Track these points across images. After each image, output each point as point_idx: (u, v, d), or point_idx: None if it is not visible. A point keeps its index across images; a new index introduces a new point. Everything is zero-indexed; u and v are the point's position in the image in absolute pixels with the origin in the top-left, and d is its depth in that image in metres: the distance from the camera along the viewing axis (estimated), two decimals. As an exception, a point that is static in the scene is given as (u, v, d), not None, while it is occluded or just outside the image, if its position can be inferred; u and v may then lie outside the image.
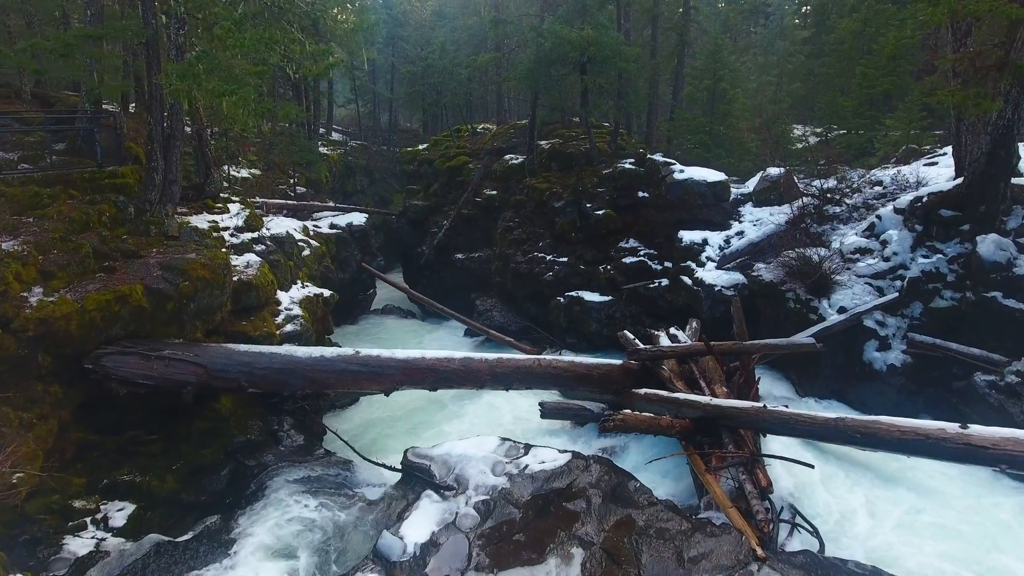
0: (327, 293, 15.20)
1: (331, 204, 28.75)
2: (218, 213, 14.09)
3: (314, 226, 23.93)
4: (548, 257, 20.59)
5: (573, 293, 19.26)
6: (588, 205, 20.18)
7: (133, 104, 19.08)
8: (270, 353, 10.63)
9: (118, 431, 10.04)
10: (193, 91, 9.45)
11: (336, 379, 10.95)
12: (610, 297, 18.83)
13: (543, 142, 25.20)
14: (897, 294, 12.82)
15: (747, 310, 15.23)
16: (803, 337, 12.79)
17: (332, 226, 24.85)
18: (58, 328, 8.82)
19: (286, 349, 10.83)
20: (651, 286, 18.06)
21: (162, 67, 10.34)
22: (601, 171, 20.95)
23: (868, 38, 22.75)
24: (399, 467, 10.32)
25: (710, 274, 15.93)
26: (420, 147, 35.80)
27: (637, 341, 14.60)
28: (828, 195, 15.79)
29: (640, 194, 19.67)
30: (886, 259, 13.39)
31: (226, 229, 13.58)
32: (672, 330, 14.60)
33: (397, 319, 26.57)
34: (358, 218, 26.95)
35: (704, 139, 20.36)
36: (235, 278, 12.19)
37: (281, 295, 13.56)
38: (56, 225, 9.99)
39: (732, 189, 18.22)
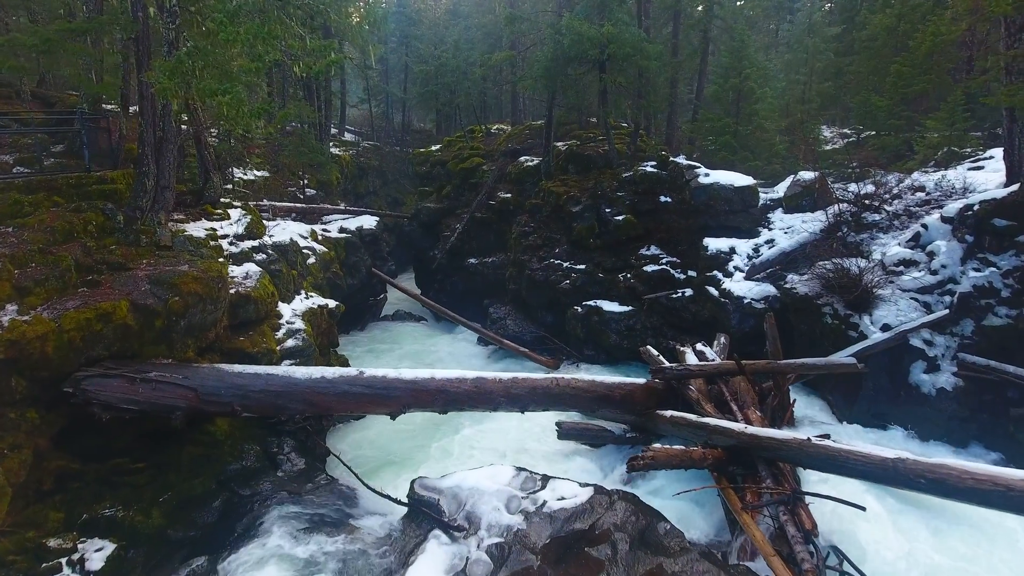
0: (332, 304, 14.40)
1: (342, 207, 28.03)
2: (217, 220, 13.32)
3: (323, 230, 23.22)
4: (565, 264, 19.70)
5: (591, 302, 18.35)
6: (607, 210, 19.26)
7: (137, 105, 18.47)
8: (266, 374, 9.82)
9: (103, 458, 9.29)
10: (183, 90, 8.69)
11: (338, 402, 10.13)
12: (630, 307, 17.91)
13: (559, 143, 24.33)
14: (946, 311, 11.78)
15: (778, 325, 14.26)
16: (843, 356, 11.79)
17: (342, 230, 24.14)
18: (32, 350, 8.06)
19: (284, 370, 10.02)
20: (674, 296, 17.10)
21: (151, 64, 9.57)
22: (621, 174, 20.02)
23: (902, 35, 21.62)
24: (405, 500, 9.48)
25: (738, 285, 14.96)
26: (433, 148, 35.06)
27: (661, 358, 13.68)
28: (866, 201, 14.74)
29: (662, 199, 18.72)
30: (933, 272, 12.35)
31: (225, 237, 12.81)
32: (699, 346, 13.66)
33: (408, 325, 25.85)
34: (369, 221, 26.23)
35: (729, 141, 19.36)
36: (232, 290, 11.42)
37: (283, 307, 12.78)
38: (36, 235, 9.24)
39: (760, 194, 17.21)
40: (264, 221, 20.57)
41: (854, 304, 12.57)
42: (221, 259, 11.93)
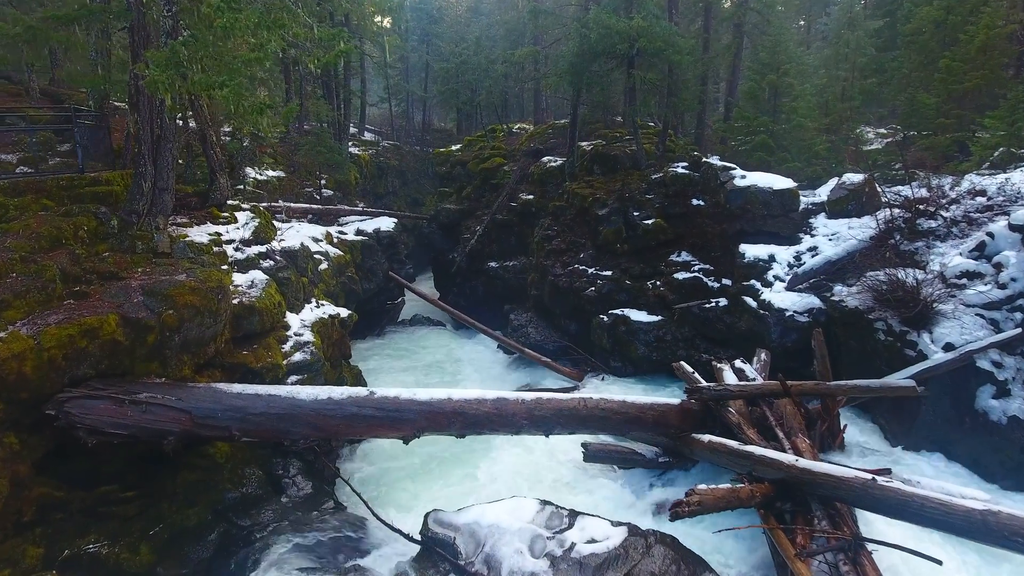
0: (344, 313, 13.58)
1: (359, 208, 27.29)
2: (223, 223, 12.56)
3: (339, 232, 22.50)
4: (590, 270, 18.71)
5: (618, 311, 17.35)
6: (635, 213, 18.24)
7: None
8: (268, 395, 9.00)
9: (90, 484, 8.54)
10: (177, 83, 7.90)
11: (346, 426, 9.26)
12: (660, 317, 16.88)
13: (584, 143, 23.35)
14: (1018, 329, 10.61)
15: (824, 339, 13.17)
16: (900, 378, 10.69)
17: (358, 232, 23.41)
18: (8, 370, 7.31)
19: (287, 390, 9.18)
20: (707, 306, 16.03)
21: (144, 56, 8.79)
22: (649, 175, 18.99)
23: (951, 28, 20.28)
24: (418, 537, 8.60)
25: (779, 296, 13.87)
26: (453, 148, 34.25)
27: (697, 376, 12.65)
28: (920, 206, 13.57)
29: (694, 202, 17.66)
30: (1002, 286, 11.17)
31: (230, 242, 12.04)
32: (738, 363, 12.61)
33: (426, 331, 25.08)
34: (386, 223, 25.48)
35: (765, 140, 18.21)
36: (235, 301, 10.64)
37: (291, 318, 11.98)
38: (19, 242, 8.51)
39: (801, 198, 16.08)
40: (278, 223, 19.91)
41: (911, 320, 11.44)
42: (225, 266, 11.17)
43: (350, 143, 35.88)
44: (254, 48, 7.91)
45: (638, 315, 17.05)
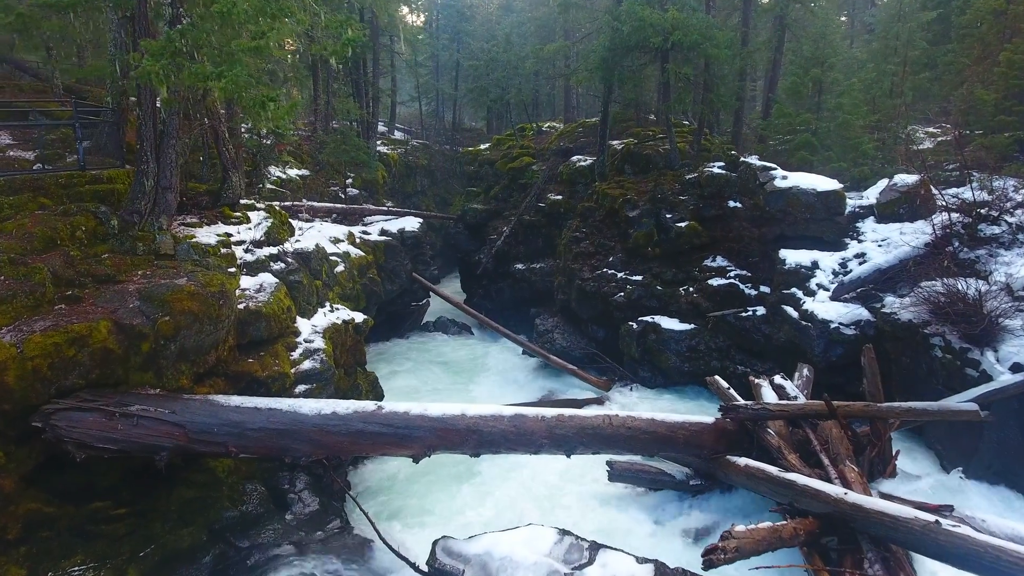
0: (360, 318, 13.01)
1: (385, 207, 26.82)
2: (235, 223, 12.08)
3: (362, 232, 22.04)
4: (619, 274, 17.86)
5: (648, 318, 16.48)
6: (668, 215, 17.33)
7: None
8: (268, 409, 8.42)
9: (84, 499, 8.06)
10: (173, 74, 7.37)
11: (351, 443, 8.65)
12: (692, 325, 15.97)
13: (615, 142, 22.47)
14: (1098, 349, 9.53)
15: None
16: (961, 401, 9.68)
17: (383, 232, 22.89)
18: (-11, 381, 6.85)
19: (289, 404, 8.60)
20: (743, 315, 15.09)
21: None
22: (683, 176, 18.07)
23: (1012, 18, 18.91)
24: (424, 568, 7.94)
25: (823, 307, 12.87)
26: (482, 147, 33.66)
27: (732, 392, 11.76)
28: (982, 210, 12.44)
29: (731, 204, 16.70)
30: (1078, 300, 10.08)
31: (240, 243, 11.53)
32: (777, 379, 11.67)
33: (450, 335, 24.49)
34: (411, 223, 24.95)
35: (808, 139, 17.12)
36: (241, 306, 10.11)
37: (301, 323, 11.44)
38: (11, 243, 8.07)
39: (847, 200, 15.00)
40: (300, 223, 19.50)
41: (973, 336, 10.40)
42: (232, 269, 10.65)
43: (379, 142, 35.54)
44: (255, 36, 7.33)
45: (669, 323, 16.17)
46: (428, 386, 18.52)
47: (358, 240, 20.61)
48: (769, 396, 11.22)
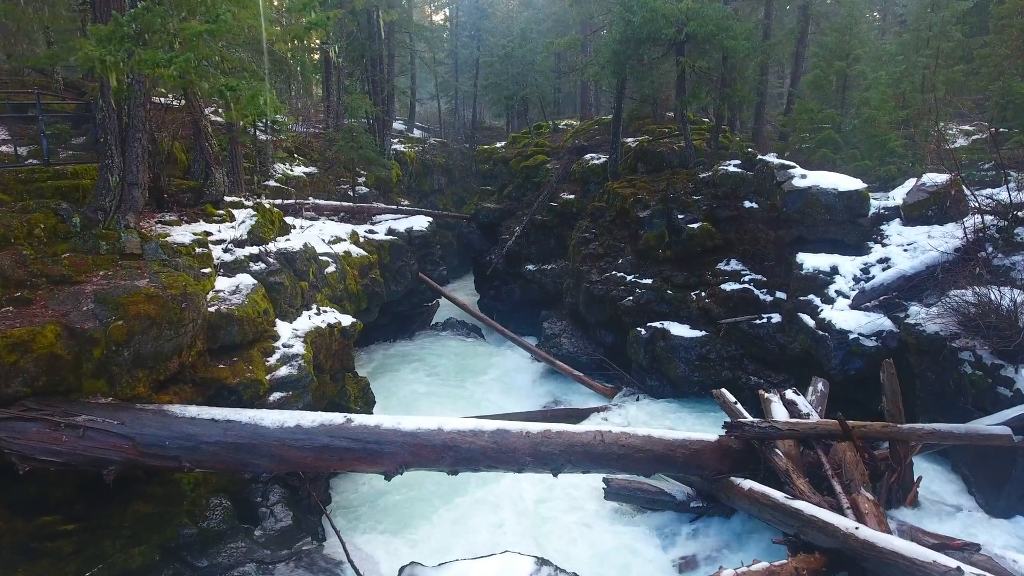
0: (347, 321, 12.43)
1: (393, 206, 26.30)
2: (217, 221, 11.59)
3: (368, 231, 21.52)
4: (628, 277, 17.04)
5: (657, 324, 15.64)
6: (680, 216, 16.46)
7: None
8: (226, 421, 7.86)
9: (35, 512, 7.58)
10: (122, 61, 6.84)
11: (316, 458, 8.06)
12: (703, 332, 15.10)
13: (629, 140, 21.65)
14: None
15: (895, 368, 11.20)
16: (991, 424, 8.74)
17: (390, 231, 22.35)
18: (-83, 389, 6.38)
19: (250, 416, 8.04)
20: (757, 323, 14.18)
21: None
22: (697, 175, 17.18)
23: (1057, 7, 17.61)
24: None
25: (842, 315, 11.93)
26: (497, 145, 33.02)
27: (739, 407, 10.93)
28: (1018, 213, 11.39)
29: (746, 204, 15.77)
30: None
31: (220, 242, 11.03)
32: (789, 393, 10.78)
33: (459, 337, 23.87)
34: (420, 222, 24.35)
35: (831, 136, 16.09)
36: (212, 308, 9.58)
37: (281, 327, 10.88)
38: (-45, 242, 7.68)
39: (871, 201, 14.00)
40: (300, 221, 19.09)
41: (1007, 352, 9.42)
42: (207, 269, 10.14)
43: (396, 140, 35.14)
44: (209, 20, 6.76)
45: (679, 329, 15.31)
46: (430, 390, 17.96)
47: (362, 239, 20.10)
48: (779, 412, 10.35)
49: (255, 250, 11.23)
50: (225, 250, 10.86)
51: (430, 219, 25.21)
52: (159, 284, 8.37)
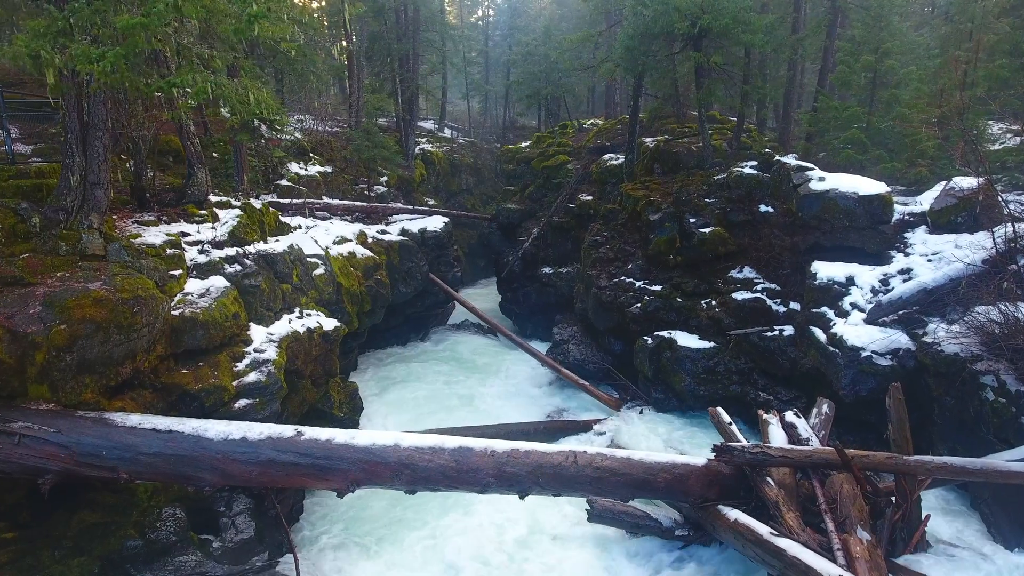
0: (330, 325, 12.03)
1: (409, 206, 25.94)
2: (199, 222, 11.34)
3: (380, 232, 21.20)
4: (638, 283, 16.26)
5: (664, 333, 14.85)
6: (691, 220, 15.61)
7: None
8: (167, 431, 7.51)
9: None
10: (55, 57, 6.55)
11: (260, 473, 7.65)
12: (712, 343, 14.25)
13: (648, 139, 20.78)
14: None
15: (910, 391, 10.22)
16: (1013, 459, 7.78)
17: (403, 232, 22.00)
18: None
19: (193, 426, 7.67)
20: (768, 335, 13.26)
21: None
22: (712, 177, 16.27)
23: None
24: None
25: (855, 330, 10.97)
26: (522, 144, 32.44)
27: (734, 428, 10.13)
28: (1057, 221, 10.26)
29: (762, 208, 14.84)
30: None
31: (197, 243, 10.75)
32: (789, 415, 9.92)
33: (474, 337, 23.53)
34: (435, 223, 23.92)
35: (857, 135, 14.99)
36: (177, 312, 9.28)
37: (256, 331, 10.54)
38: (-100, 242, 7.51)
39: (896, 207, 12.93)
40: (307, 221, 18.87)
41: (1034, 377, 8.41)
42: (177, 271, 9.87)
43: (424, 139, 34.90)
44: (145, 13, 6.39)
45: (687, 339, 14.48)
46: (433, 395, 17.53)
47: (370, 240, 19.78)
48: (777, 436, 9.51)
49: (233, 251, 10.91)
50: (201, 251, 10.58)
51: (446, 220, 24.78)
52: (111, 287, 8.09)
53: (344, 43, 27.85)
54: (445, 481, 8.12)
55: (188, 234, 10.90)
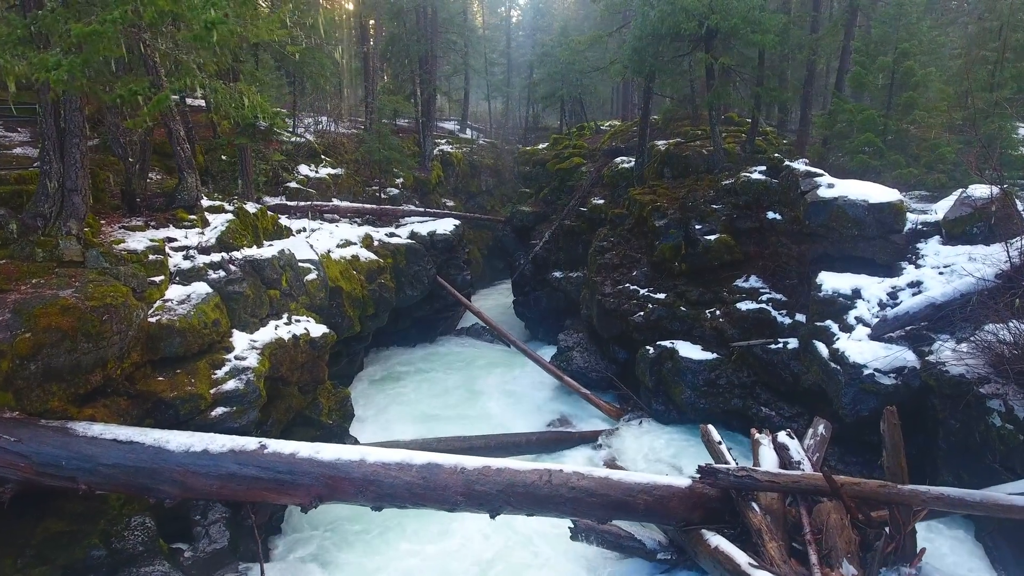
0: (318, 332, 11.88)
1: (421, 209, 25.83)
2: (187, 227, 11.29)
3: (388, 234, 21.08)
4: (642, 291, 15.85)
5: (666, 343, 14.42)
6: (697, 226, 15.13)
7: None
8: (128, 442, 7.41)
9: (-59, 527, 7.36)
10: (15, 65, 6.48)
11: (221, 487, 7.49)
12: (715, 355, 13.78)
13: (660, 142, 20.32)
14: None
15: (915, 412, 9.70)
16: (1015, 492, 7.23)
17: (412, 235, 21.86)
18: None
19: (155, 437, 7.56)
20: (773, 347, 12.76)
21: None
22: (720, 182, 15.76)
23: None
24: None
25: (858, 346, 10.43)
26: (540, 146, 32.14)
27: (723, 448, 9.70)
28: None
29: (770, 215, 14.31)
30: None
31: (183, 249, 10.69)
32: (781, 435, 9.45)
33: (482, 341, 23.28)
34: (446, 225, 23.73)
35: (872, 139, 14.35)
36: (154, 319, 9.21)
37: (238, 338, 10.43)
38: None
39: (910, 215, 12.31)
40: (312, 224, 18.86)
41: (1043, 403, 7.84)
42: (159, 278, 9.81)
43: (444, 141, 34.81)
44: (101, 21, 6.27)
45: (689, 350, 14.03)
46: (434, 400, 17.34)
47: (376, 243, 19.68)
48: (768, 457, 9.07)
49: (219, 257, 10.83)
50: (186, 257, 10.50)
51: (457, 222, 24.57)
52: (82, 295, 8.02)
53: (358, 46, 27.89)
54: (412, 498, 7.87)
55: (174, 239, 10.85)
